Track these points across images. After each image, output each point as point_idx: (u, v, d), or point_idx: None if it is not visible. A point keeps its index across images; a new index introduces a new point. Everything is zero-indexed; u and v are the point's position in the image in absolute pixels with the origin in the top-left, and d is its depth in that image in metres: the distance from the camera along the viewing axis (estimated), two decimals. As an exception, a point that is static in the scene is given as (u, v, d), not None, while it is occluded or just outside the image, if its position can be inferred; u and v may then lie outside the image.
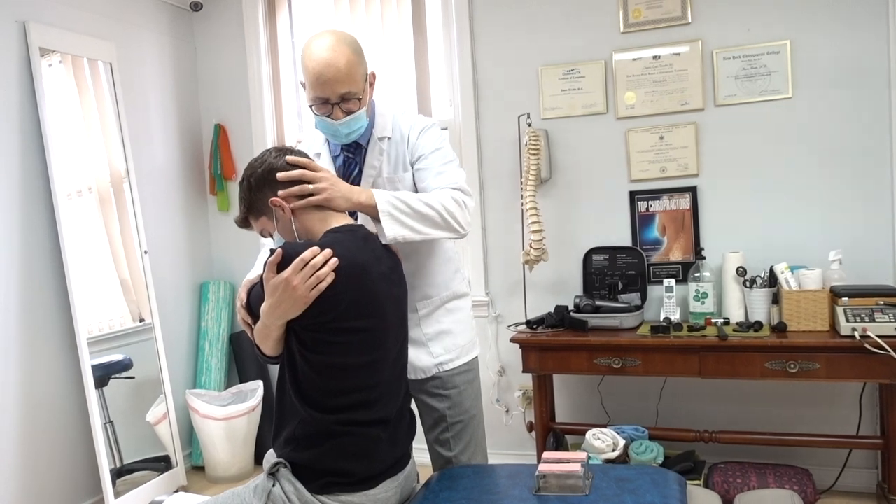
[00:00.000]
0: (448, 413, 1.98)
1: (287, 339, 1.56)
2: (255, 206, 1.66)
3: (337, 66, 1.77)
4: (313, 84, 1.79)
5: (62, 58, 3.08)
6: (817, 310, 2.70)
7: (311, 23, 3.68)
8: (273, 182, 1.62)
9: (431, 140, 1.96)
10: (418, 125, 1.98)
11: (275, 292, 1.48)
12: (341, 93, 1.79)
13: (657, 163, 3.13)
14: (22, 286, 2.86)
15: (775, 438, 2.83)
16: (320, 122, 1.86)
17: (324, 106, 1.81)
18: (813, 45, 2.91)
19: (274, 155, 1.66)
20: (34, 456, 2.89)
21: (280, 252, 1.49)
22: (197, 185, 3.86)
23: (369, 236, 1.67)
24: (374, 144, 1.95)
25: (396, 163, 1.95)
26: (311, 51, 1.79)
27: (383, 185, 1.93)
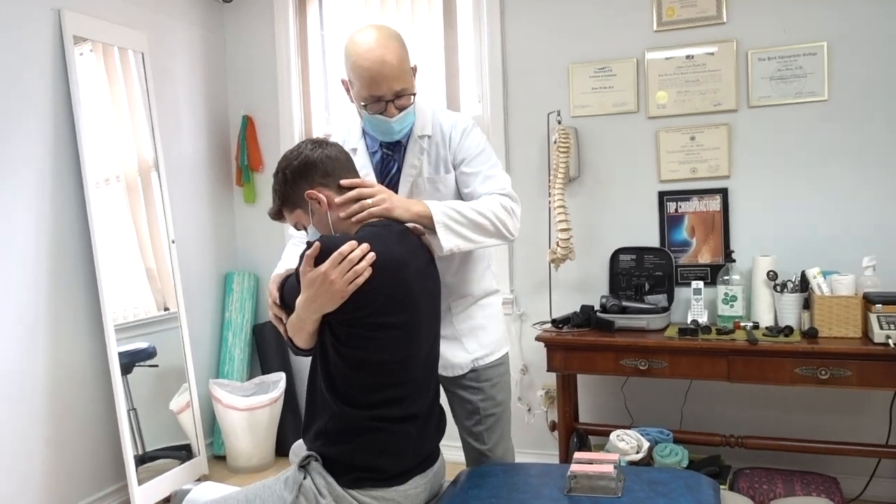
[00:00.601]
0: (482, 405, 1.98)
1: (321, 332, 1.55)
2: (290, 199, 1.65)
3: (391, 63, 1.74)
4: (367, 83, 1.75)
5: (93, 46, 3.09)
6: (850, 316, 2.65)
7: (342, 15, 3.68)
8: (309, 175, 1.61)
9: (475, 142, 1.94)
10: (460, 125, 1.94)
11: (312, 286, 1.47)
12: (396, 90, 1.77)
13: (688, 163, 3.10)
14: (52, 272, 2.89)
15: (803, 445, 2.79)
16: (372, 120, 1.82)
17: (377, 104, 1.78)
18: (851, 46, 2.86)
19: (310, 147, 1.65)
20: (61, 441, 2.92)
21: (318, 245, 1.48)
22: (223, 175, 3.87)
23: (405, 231, 1.66)
24: (415, 143, 1.91)
25: (437, 163, 1.92)
26: (360, 49, 1.75)
27: (423, 186, 1.91)
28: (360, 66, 1.75)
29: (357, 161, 1.88)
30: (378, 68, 1.73)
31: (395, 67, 1.75)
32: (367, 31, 1.77)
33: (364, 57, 1.74)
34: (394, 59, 1.75)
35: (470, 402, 1.98)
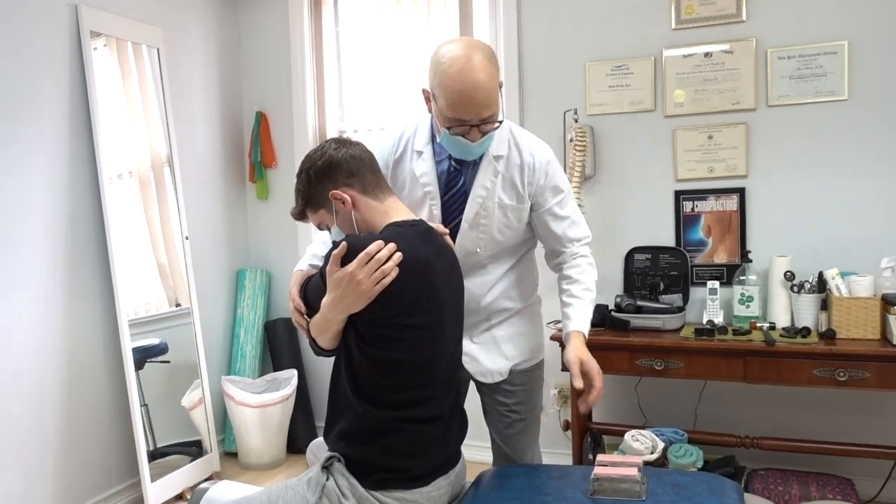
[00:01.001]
0: (515, 408, 1.99)
1: (345, 332, 1.55)
2: (313, 199, 1.64)
3: (484, 90, 1.66)
4: (456, 106, 1.67)
5: (107, 41, 3.09)
6: (868, 318, 2.64)
7: (357, 12, 3.67)
8: (333, 175, 1.60)
9: (559, 177, 1.90)
10: (542, 154, 1.88)
11: (339, 286, 1.46)
12: (484, 116, 1.70)
13: (705, 163, 3.08)
14: (67, 266, 2.89)
15: (818, 447, 2.78)
16: (451, 140, 1.75)
17: (461, 127, 1.71)
18: (872, 46, 2.84)
19: (334, 147, 1.63)
20: (74, 436, 2.92)
21: (345, 245, 1.47)
22: (236, 172, 3.87)
23: (429, 230, 1.65)
24: (489, 163, 1.84)
25: (511, 189, 1.86)
26: (453, 68, 1.66)
27: (493, 210, 1.85)
28: (450, 86, 1.66)
29: (420, 165, 1.86)
30: (471, 94, 1.65)
31: (487, 94, 1.67)
32: (463, 49, 1.68)
33: (456, 79, 1.65)
34: (489, 85, 1.66)
35: (504, 405, 1.99)
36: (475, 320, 1.94)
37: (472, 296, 1.90)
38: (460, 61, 1.66)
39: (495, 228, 1.88)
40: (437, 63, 1.71)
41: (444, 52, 1.70)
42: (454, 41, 1.73)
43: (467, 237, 1.87)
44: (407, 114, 3.54)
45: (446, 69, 1.67)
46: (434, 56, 1.73)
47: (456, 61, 1.66)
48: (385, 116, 3.60)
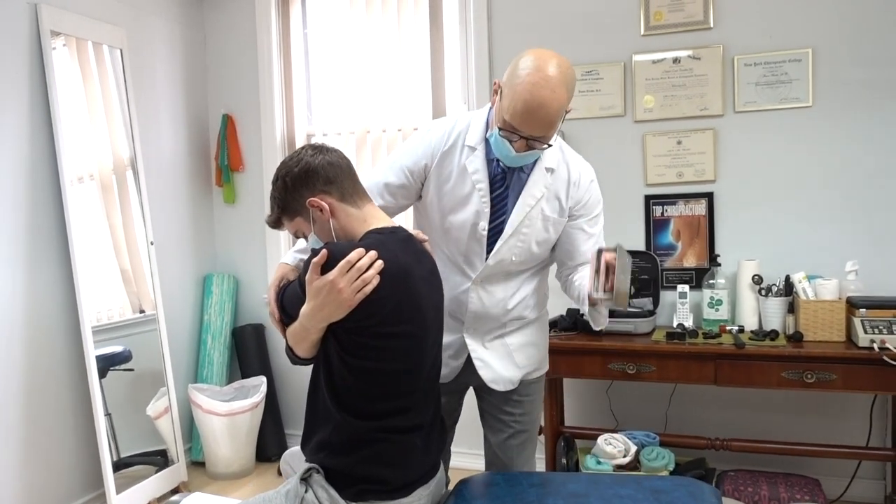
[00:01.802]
0: (520, 419, 1.99)
1: (325, 341, 1.52)
2: (290, 207, 1.60)
3: (548, 112, 1.63)
4: (516, 115, 1.64)
5: (66, 41, 3.00)
6: (834, 320, 2.69)
7: (325, 14, 3.63)
8: (310, 182, 1.57)
9: (599, 197, 1.94)
10: (588, 174, 1.92)
11: (318, 294, 1.43)
12: (537, 135, 1.68)
13: (674, 167, 3.12)
14: (28, 271, 2.80)
15: (786, 448, 2.83)
16: (498, 140, 1.72)
17: (511, 133, 1.69)
18: (835, 54, 2.90)
19: (310, 153, 1.60)
20: (36, 446, 2.83)
21: (325, 253, 1.44)
22: (202, 175, 3.80)
23: (409, 237, 1.63)
24: (541, 174, 1.83)
25: (555, 202, 1.87)
26: (530, 78, 1.62)
27: (535, 220, 1.85)
28: (518, 93, 1.63)
29: (473, 161, 1.82)
30: (535, 108, 1.62)
31: (549, 116, 1.64)
32: (546, 63, 1.64)
33: (526, 89, 1.62)
34: (552, 107, 1.63)
35: (511, 415, 1.98)
36: (490, 326, 1.93)
37: (495, 301, 1.90)
38: (538, 74, 1.63)
39: (533, 239, 1.88)
40: (517, 65, 1.68)
41: (528, 58, 1.67)
42: (545, 52, 1.68)
43: (507, 244, 1.86)
44: (376, 116, 3.51)
45: (522, 75, 1.64)
46: (519, 57, 1.70)
47: (535, 73, 1.63)
48: (354, 120, 3.56)
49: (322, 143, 1.69)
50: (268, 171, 3.71)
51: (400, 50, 3.47)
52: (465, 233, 1.86)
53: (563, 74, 1.65)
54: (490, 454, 2.05)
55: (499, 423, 2.00)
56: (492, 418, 2.02)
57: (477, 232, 1.85)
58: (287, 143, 3.74)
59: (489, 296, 1.89)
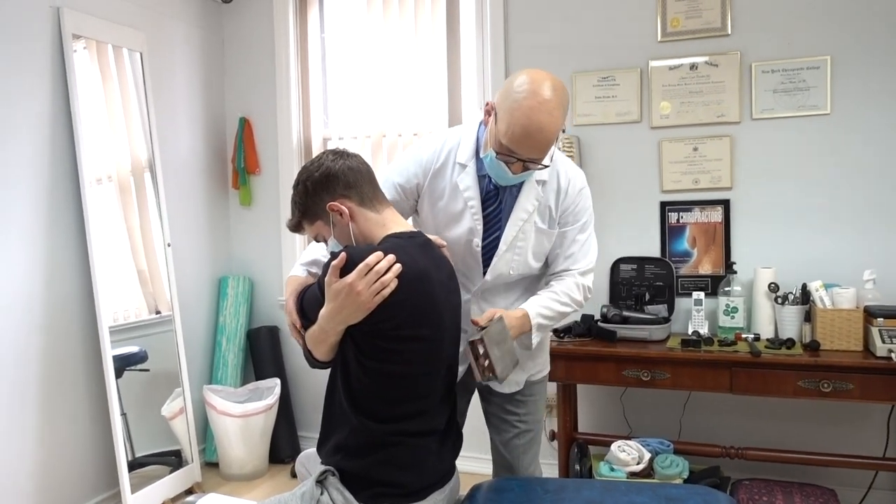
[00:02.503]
0: (525, 419, 2.02)
1: (342, 344, 1.53)
2: (310, 211, 1.62)
3: (546, 135, 1.65)
4: (513, 139, 1.65)
5: (86, 44, 3.03)
6: (851, 329, 2.67)
7: (343, 19, 3.65)
8: (331, 186, 1.59)
9: (587, 206, 1.93)
10: (578, 182, 1.91)
11: (337, 297, 1.44)
12: (534, 157, 1.69)
13: (690, 174, 3.11)
14: (47, 271, 2.83)
15: (802, 457, 2.81)
16: (493, 163, 1.73)
17: (508, 156, 1.70)
18: (854, 61, 2.88)
19: (331, 158, 1.62)
20: (53, 445, 2.86)
21: (344, 256, 1.45)
22: (219, 178, 3.82)
23: (428, 242, 1.64)
24: (532, 188, 1.85)
25: (545, 212, 1.88)
26: (526, 101, 1.63)
27: (530, 233, 1.87)
28: (515, 117, 1.64)
29: (464, 179, 1.84)
30: (533, 133, 1.63)
31: (547, 139, 1.66)
32: (542, 85, 1.64)
33: (524, 113, 1.62)
34: (549, 129, 1.64)
35: (515, 415, 2.01)
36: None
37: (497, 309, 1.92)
38: (536, 98, 1.62)
39: (530, 252, 1.90)
40: (511, 87, 1.67)
41: (522, 81, 1.66)
42: (539, 73, 1.68)
43: (503, 259, 1.88)
44: (392, 121, 3.52)
45: (519, 98, 1.64)
46: (511, 78, 1.70)
47: (532, 96, 1.63)
48: (370, 124, 3.58)
49: (343, 148, 1.70)
50: (284, 174, 3.73)
51: (416, 54, 3.48)
52: (461, 248, 1.88)
53: (559, 97, 1.66)
54: (496, 454, 2.08)
55: (504, 423, 2.03)
56: (496, 419, 2.05)
57: (472, 248, 1.88)
58: (303, 147, 3.76)
59: (490, 306, 1.91)
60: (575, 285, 1.91)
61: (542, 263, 1.96)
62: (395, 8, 3.50)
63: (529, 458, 2.05)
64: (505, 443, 2.03)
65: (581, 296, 1.93)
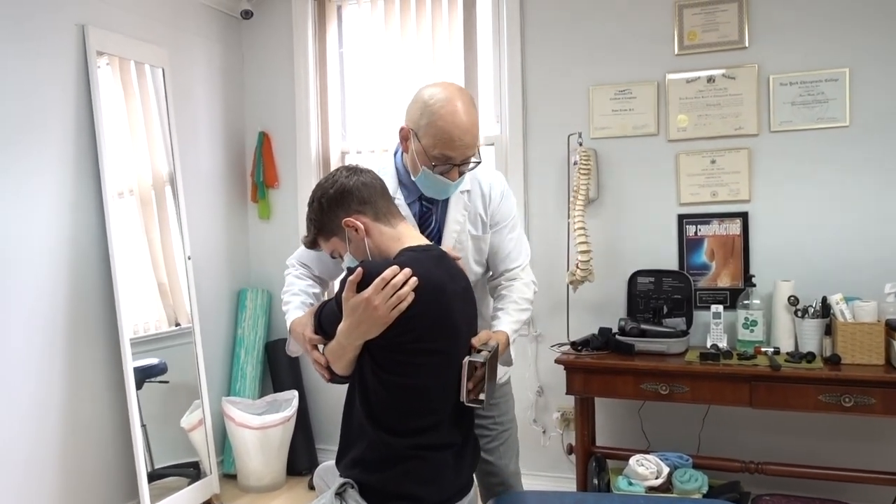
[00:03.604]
0: (499, 419, 2.04)
1: (360, 358, 1.54)
2: (326, 227, 1.64)
3: (473, 133, 1.78)
4: (448, 146, 1.75)
5: (110, 60, 3.09)
6: (873, 343, 2.64)
7: (361, 34, 3.68)
8: (345, 202, 1.61)
9: (511, 206, 2.02)
10: (499, 185, 2.00)
11: (355, 312, 1.46)
12: (468, 155, 1.79)
13: (708, 187, 3.10)
14: (70, 284, 2.87)
15: (823, 472, 2.77)
16: (430, 179, 1.81)
17: (445, 166, 1.79)
18: (873, 74, 2.87)
19: (345, 175, 1.64)
20: (74, 456, 2.88)
21: (360, 271, 1.47)
22: (238, 191, 3.86)
23: (443, 255, 1.65)
24: (458, 199, 1.94)
25: (476, 220, 1.97)
26: (445, 110, 1.75)
27: (466, 243, 1.95)
28: (443, 128, 1.75)
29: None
30: (462, 135, 1.75)
31: (474, 135, 1.78)
32: (450, 92, 1.78)
33: (450, 121, 1.74)
34: (475, 128, 1.78)
35: (490, 418, 2.02)
36: None
37: None
38: (451, 103, 1.76)
39: (471, 259, 1.97)
40: (424, 104, 1.79)
41: (431, 94, 1.79)
42: (437, 85, 1.83)
43: None
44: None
45: (437, 110, 1.75)
46: (419, 98, 1.82)
47: (447, 103, 1.76)
48: (387, 138, 3.60)
49: (356, 164, 1.73)
50: (302, 187, 3.76)
51: (433, 69, 3.51)
52: None
53: (468, 97, 1.81)
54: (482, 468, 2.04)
55: (479, 429, 2.00)
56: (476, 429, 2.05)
57: None
58: (322, 160, 3.80)
59: None
60: (524, 286, 1.99)
61: (483, 268, 2.04)
62: (412, 24, 3.53)
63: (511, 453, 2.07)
64: (490, 451, 2.03)
65: (532, 293, 2.01)
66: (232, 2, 3.75)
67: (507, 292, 1.98)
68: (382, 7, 3.59)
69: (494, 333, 1.82)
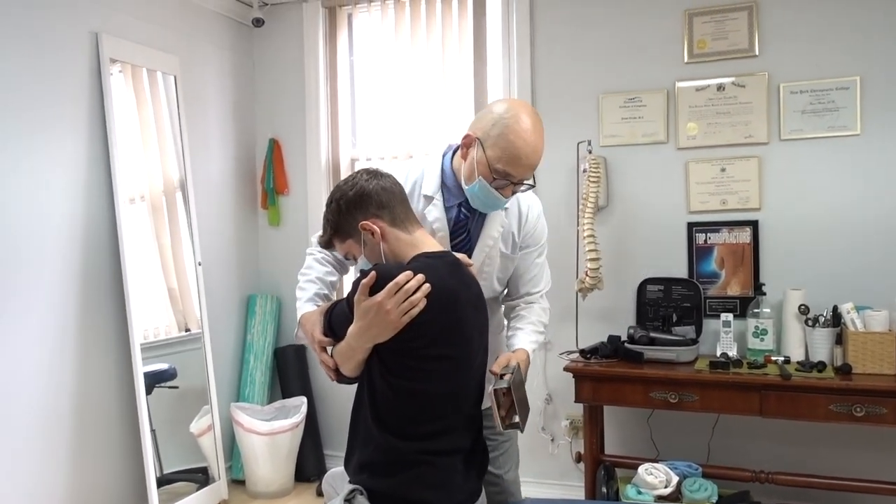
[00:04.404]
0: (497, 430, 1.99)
1: (368, 361, 1.54)
2: (342, 229, 1.64)
3: (539, 155, 1.79)
4: (514, 164, 1.75)
5: (122, 67, 3.11)
6: (884, 352, 2.63)
7: (371, 42, 3.70)
8: (364, 206, 1.61)
9: (544, 232, 2.03)
10: (536, 208, 2.01)
11: (366, 315, 1.46)
12: (526, 177, 1.81)
13: (717, 195, 3.09)
14: (82, 289, 2.89)
15: (834, 483, 2.75)
16: (482, 190, 1.80)
17: (503, 181, 1.78)
18: (884, 82, 2.87)
19: (365, 178, 1.64)
20: (84, 459, 2.90)
21: (374, 275, 1.47)
22: (249, 198, 3.88)
23: (457, 262, 1.65)
24: (497, 215, 1.92)
25: (508, 238, 1.96)
26: (520, 126, 1.74)
27: (496, 259, 1.94)
28: (513, 143, 1.74)
29: (432, 211, 1.89)
30: (530, 154, 1.75)
31: (539, 157, 1.79)
32: (525, 110, 1.79)
33: (522, 138, 1.74)
34: (541, 151, 1.79)
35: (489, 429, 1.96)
36: None
37: None
38: (525, 122, 1.75)
39: (495, 277, 1.97)
40: (498, 116, 1.76)
41: (507, 109, 1.78)
42: (512, 100, 1.85)
43: None
44: (419, 142, 3.56)
45: (511, 124, 1.74)
46: (492, 109, 1.81)
47: (522, 120, 1.75)
48: (397, 145, 3.62)
49: (377, 168, 1.72)
50: (312, 194, 3.78)
51: (444, 76, 3.52)
52: None
53: (540, 120, 1.81)
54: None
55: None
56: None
57: None
58: (331, 168, 3.81)
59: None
60: (542, 311, 2.02)
61: (503, 287, 2.05)
62: (422, 31, 3.55)
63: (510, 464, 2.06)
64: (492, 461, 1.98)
65: (547, 319, 2.04)
66: (243, 10, 3.78)
67: (525, 313, 1.99)
68: (393, 15, 3.61)
69: (513, 353, 1.82)
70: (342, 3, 3.73)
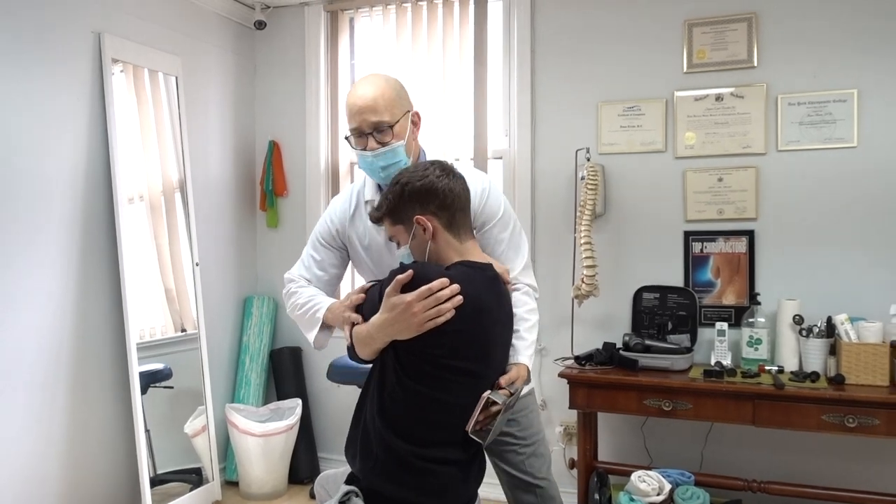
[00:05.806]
0: (520, 435, 1.98)
1: (384, 353, 1.54)
2: (397, 214, 1.63)
3: (370, 96, 1.82)
4: (348, 115, 1.86)
5: (124, 68, 3.13)
6: (877, 364, 2.64)
7: (373, 46, 3.72)
8: (426, 200, 1.59)
9: (497, 203, 1.92)
10: (478, 183, 1.88)
11: (392, 310, 1.47)
12: (373, 121, 1.81)
13: (714, 204, 3.11)
14: (79, 287, 2.90)
15: (826, 492, 2.76)
16: (359, 157, 1.88)
17: (359, 138, 1.86)
18: (881, 95, 2.88)
19: (437, 174, 1.61)
20: (78, 458, 2.90)
21: (411, 273, 1.47)
22: (247, 199, 3.89)
23: (496, 278, 1.64)
24: None
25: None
26: (354, 86, 1.89)
27: None
28: (348, 98, 1.87)
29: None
30: (355, 101, 1.83)
31: (374, 100, 1.81)
32: (370, 74, 1.92)
33: (353, 90, 1.87)
34: (375, 92, 1.82)
35: (511, 434, 1.96)
36: None
37: None
38: (356, 82, 1.91)
39: None
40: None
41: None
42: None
43: None
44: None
45: (348, 93, 1.89)
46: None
47: (354, 84, 1.91)
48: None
49: (451, 165, 1.69)
50: (311, 197, 3.79)
51: (444, 84, 3.53)
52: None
53: (377, 74, 1.90)
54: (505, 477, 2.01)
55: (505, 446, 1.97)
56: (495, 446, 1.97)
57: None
58: (331, 171, 3.82)
59: None
60: (524, 296, 1.90)
61: None
62: (423, 37, 3.56)
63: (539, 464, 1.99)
64: (513, 464, 1.98)
65: (533, 300, 1.92)
66: (245, 12, 3.80)
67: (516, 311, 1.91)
68: (394, 20, 3.62)
69: (516, 367, 1.76)
70: (344, 7, 3.75)
